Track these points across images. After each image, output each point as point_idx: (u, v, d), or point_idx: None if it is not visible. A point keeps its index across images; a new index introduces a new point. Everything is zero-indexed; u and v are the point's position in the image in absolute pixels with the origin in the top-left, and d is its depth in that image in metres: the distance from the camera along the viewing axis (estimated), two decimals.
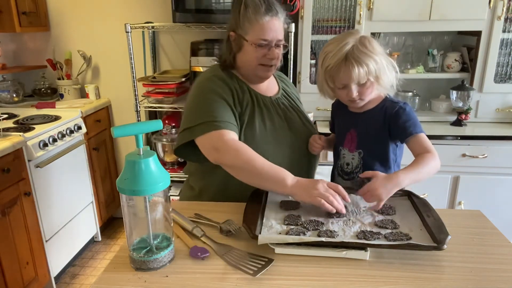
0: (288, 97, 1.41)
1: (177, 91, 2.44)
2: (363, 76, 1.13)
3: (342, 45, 1.13)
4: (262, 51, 1.23)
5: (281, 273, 0.87)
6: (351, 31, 1.20)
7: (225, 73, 1.30)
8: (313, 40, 2.28)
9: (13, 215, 1.87)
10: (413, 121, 1.18)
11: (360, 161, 1.26)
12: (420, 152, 1.14)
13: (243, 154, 1.12)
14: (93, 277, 2.37)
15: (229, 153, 1.13)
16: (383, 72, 1.15)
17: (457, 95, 2.22)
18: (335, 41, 1.17)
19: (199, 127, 1.18)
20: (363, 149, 1.25)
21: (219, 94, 1.22)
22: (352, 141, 1.27)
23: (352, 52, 1.12)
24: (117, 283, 0.84)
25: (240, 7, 1.22)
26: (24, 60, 2.79)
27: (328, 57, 1.16)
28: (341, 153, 1.31)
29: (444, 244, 0.87)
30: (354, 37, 1.15)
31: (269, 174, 1.09)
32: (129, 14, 2.60)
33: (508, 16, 2.13)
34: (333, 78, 1.17)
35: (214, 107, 1.19)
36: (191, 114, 1.23)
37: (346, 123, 1.30)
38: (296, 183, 1.06)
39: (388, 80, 1.17)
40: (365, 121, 1.24)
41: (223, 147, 1.14)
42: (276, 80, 1.45)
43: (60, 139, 2.17)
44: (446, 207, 2.24)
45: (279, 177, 1.08)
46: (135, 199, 0.88)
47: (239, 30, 1.24)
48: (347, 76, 1.13)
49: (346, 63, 1.12)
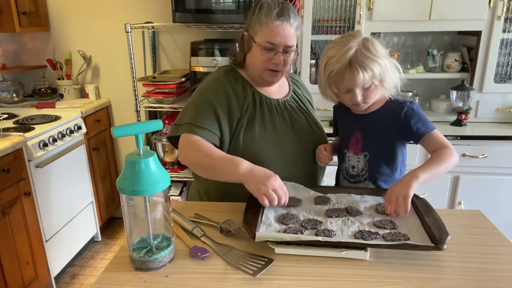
0: (298, 99, 1.40)
1: (177, 91, 2.44)
2: (368, 80, 1.11)
3: (345, 50, 1.10)
4: (268, 55, 1.22)
5: (281, 273, 0.87)
6: (353, 33, 1.17)
7: (231, 74, 1.31)
8: (313, 40, 2.28)
9: (13, 215, 1.87)
10: (423, 119, 1.17)
11: (366, 164, 1.25)
12: (436, 148, 1.14)
13: (201, 150, 1.16)
14: (93, 277, 2.37)
15: (190, 151, 1.18)
16: (387, 74, 1.13)
17: (457, 95, 2.22)
18: (337, 44, 1.14)
19: (183, 126, 1.23)
20: (368, 152, 1.24)
21: (211, 100, 1.24)
22: (357, 143, 1.25)
23: (356, 57, 1.10)
24: (117, 283, 0.84)
25: (256, 8, 1.23)
26: (24, 60, 2.79)
27: (331, 62, 1.13)
28: (346, 156, 1.29)
29: (444, 244, 0.87)
30: (357, 40, 1.12)
31: (223, 163, 1.11)
32: (129, 14, 2.60)
33: (508, 16, 2.13)
34: (337, 83, 1.15)
35: (201, 112, 1.23)
36: (184, 112, 1.28)
37: (350, 125, 1.28)
38: (249, 172, 1.06)
39: (392, 82, 1.16)
40: (370, 123, 1.23)
41: (186, 147, 1.19)
42: (288, 82, 1.44)
43: (60, 139, 2.17)
44: (446, 207, 2.24)
45: (231, 164, 1.09)
46: (135, 199, 0.88)
47: (251, 31, 1.25)
48: (352, 82, 1.12)
49: (351, 69, 1.10)
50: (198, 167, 1.21)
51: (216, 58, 2.25)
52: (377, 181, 1.25)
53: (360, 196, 1.14)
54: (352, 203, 1.11)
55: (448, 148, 1.12)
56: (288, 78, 1.44)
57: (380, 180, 1.25)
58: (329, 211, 1.07)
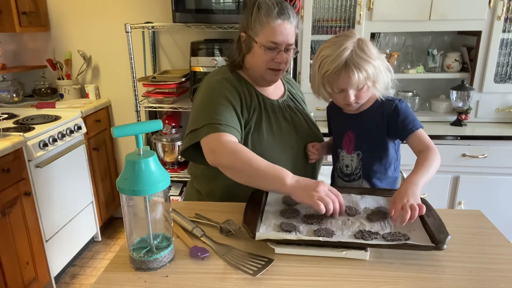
0: (294, 99, 1.40)
1: (177, 91, 2.44)
2: (362, 81, 1.12)
3: (341, 50, 1.11)
4: (271, 54, 1.22)
5: (281, 273, 0.87)
6: (347, 33, 1.18)
7: (234, 75, 1.29)
8: (313, 40, 2.28)
9: (13, 215, 1.87)
10: (411, 117, 1.19)
11: (359, 162, 1.27)
12: (421, 149, 1.15)
13: (240, 154, 1.09)
14: (93, 277, 2.37)
15: (226, 154, 1.11)
16: (380, 76, 1.15)
17: (457, 95, 2.22)
18: (332, 44, 1.15)
19: (202, 129, 1.16)
20: (361, 150, 1.26)
21: (226, 97, 1.21)
22: (350, 142, 1.27)
23: (351, 57, 1.11)
24: (117, 283, 0.84)
25: (253, 9, 1.22)
26: (24, 60, 2.79)
27: (326, 62, 1.14)
28: (339, 155, 1.31)
29: (444, 244, 0.87)
30: (352, 40, 1.13)
31: (267, 173, 1.06)
32: (129, 14, 2.60)
33: (508, 16, 2.13)
34: (331, 83, 1.16)
35: (219, 110, 1.18)
36: (198, 116, 1.21)
37: (343, 125, 1.30)
38: (296, 183, 1.03)
39: (384, 83, 1.18)
40: (362, 122, 1.25)
41: (220, 149, 1.12)
42: (282, 81, 1.43)
43: (60, 139, 2.17)
44: (446, 207, 2.24)
45: (277, 176, 1.05)
46: (135, 199, 0.88)
47: (250, 32, 1.23)
48: (346, 82, 1.13)
49: (346, 70, 1.11)
50: (235, 173, 1.12)
51: (216, 58, 2.25)
52: (371, 179, 1.27)
53: (360, 196, 1.14)
54: (352, 203, 1.11)
55: (433, 150, 1.14)
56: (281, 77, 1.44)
57: (374, 178, 1.27)
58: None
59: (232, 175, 1.13)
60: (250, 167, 1.07)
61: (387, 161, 1.25)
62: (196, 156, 1.24)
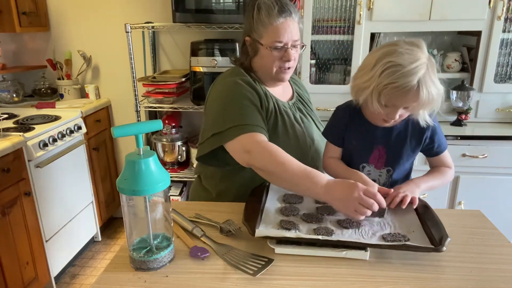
0: (303, 100, 1.39)
1: (177, 91, 2.44)
2: (425, 105, 1.01)
3: (416, 66, 0.96)
4: (278, 54, 1.20)
5: (281, 273, 0.87)
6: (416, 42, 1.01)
7: (249, 76, 1.26)
8: (313, 40, 2.28)
9: (13, 215, 1.87)
10: (442, 136, 1.18)
11: (388, 179, 1.20)
12: (441, 166, 1.19)
13: (276, 157, 1.06)
14: (93, 277, 2.37)
15: (261, 155, 1.08)
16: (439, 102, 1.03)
17: (457, 95, 2.22)
18: (405, 52, 0.98)
19: (229, 131, 1.13)
20: (392, 166, 1.19)
21: (249, 98, 1.18)
22: (380, 157, 1.18)
23: (424, 78, 0.97)
24: (117, 283, 0.84)
25: (253, 11, 1.20)
26: (24, 60, 2.79)
27: (395, 71, 0.97)
28: (364, 170, 1.20)
29: (444, 246, 0.87)
30: (425, 55, 0.99)
31: (300, 180, 1.02)
32: (129, 14, 2.60)
33: (508, 16, 2.13)
34: (390, 96, 1.00)
35: (244, 111, 1.15)
36: (220, 119, 1.17)
37: (371, 138, 1.17)
38: (328, 191, 0.98)
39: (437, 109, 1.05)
40: (395, 137, 1.16)
41: (255, 149, 1.09)
42: (289, 82, 1.42)
43: (60, 139, 2.17)
44: (446, 207, 2.24)
45: (310, 184, 1.00)
46: (135, 199, 0.88)
47: (254, 35, 1.21)
48: (410, 101, 1.00)
49: (417, 89, 0.97)
50: (268, 174, 1.09)
51: (216, 58, 2.25)
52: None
53: None
54: None
55: (452, 170, 1.20)
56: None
57: None
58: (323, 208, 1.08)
59: (265, 176, 1.11)
60: (283, 171, 1.04)
61: (409, 175, 1.24)
62: (210, 159, 1.23)
